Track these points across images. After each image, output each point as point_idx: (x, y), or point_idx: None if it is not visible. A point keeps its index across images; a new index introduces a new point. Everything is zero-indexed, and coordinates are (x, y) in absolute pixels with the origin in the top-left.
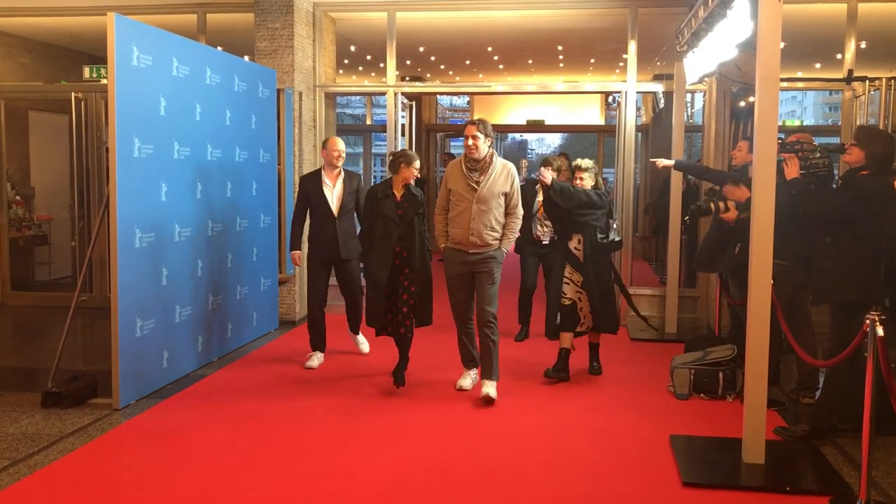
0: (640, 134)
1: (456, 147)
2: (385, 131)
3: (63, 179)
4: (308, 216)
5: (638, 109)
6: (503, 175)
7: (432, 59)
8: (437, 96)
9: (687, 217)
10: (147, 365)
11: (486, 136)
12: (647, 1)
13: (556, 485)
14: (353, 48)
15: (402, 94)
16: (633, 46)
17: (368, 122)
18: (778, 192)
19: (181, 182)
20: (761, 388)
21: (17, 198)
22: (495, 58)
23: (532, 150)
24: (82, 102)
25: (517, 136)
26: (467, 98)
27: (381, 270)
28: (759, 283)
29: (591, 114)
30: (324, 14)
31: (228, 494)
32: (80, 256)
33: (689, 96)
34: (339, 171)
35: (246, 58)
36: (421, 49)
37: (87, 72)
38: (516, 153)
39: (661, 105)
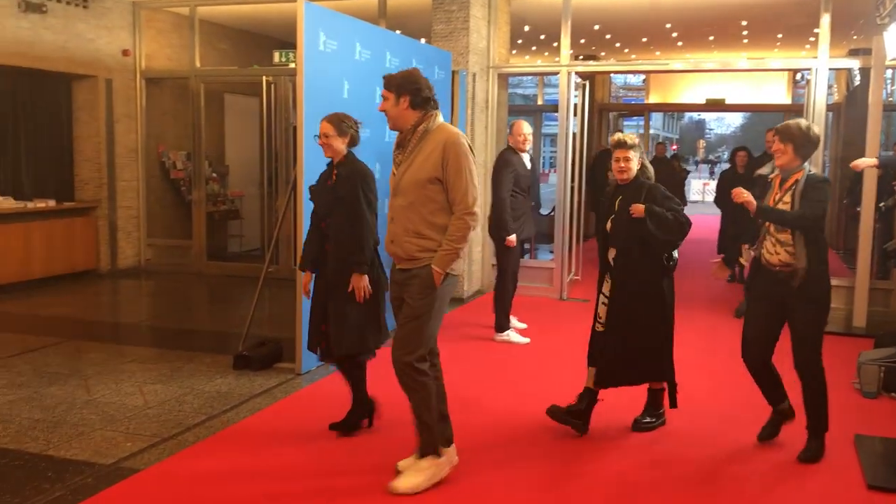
0: (830, 114)
1: (629, 127)
2: (556, 111)
3: (254, 158)
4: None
5: (829, 87)
6: (436, 152)
7: (607, 36)
8: (612, 75)
9: (882, 204)
10: None
11: (397, 89)
12: None
13: (735, 481)
14: (526, 28)
15: (576, 73)
16: (826, 19)
17: (539, 102)
18: None
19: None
20: None
21: (213, 174)
22: (674, 34)
23: (710, 130)
24: (272, 86)
25: (695, 115)
26: (643, 76)
27: None
28: None
29: (776, 92)
30: None
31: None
32: (269, 231)
33: (888, 73)
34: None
35: (422, 40)
36: (596, 27)
37: (276, 56)
38: (693, 133)
39: (857, 82)
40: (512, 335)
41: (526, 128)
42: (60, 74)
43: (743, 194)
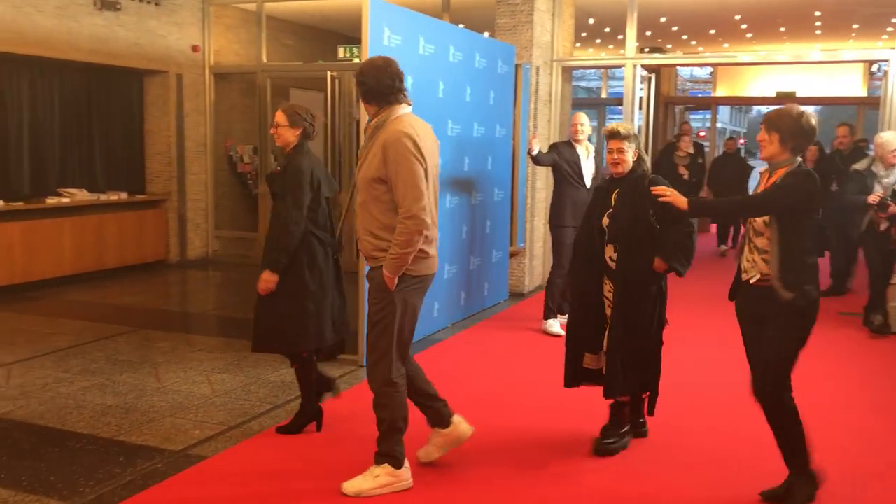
0: None
1: (695, 121)
2: (621, 104)
3: (318, 152)
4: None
5: None
6: (380, 151)
7: (674, 29)
8: (678, 68)
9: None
10: None
11: (365, 83)
12: None
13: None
14: (591, 21)
15: (641, 66)
16: None
17: (603, 94)
18: None
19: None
20: None
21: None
22: (743, 26)
23: None
24: (336, 80)
25: (762, 108)
26: (709, 69)
27: None
28: None
29: (850, 84)
30: None
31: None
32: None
33: None
34: (584, 144)
35: (486, 34)
36: (662, 19)
37: (341, 52)
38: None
39: None
40: (549, 325)
41: (579, 118)
42: (133, 70)
43: (666, 192)
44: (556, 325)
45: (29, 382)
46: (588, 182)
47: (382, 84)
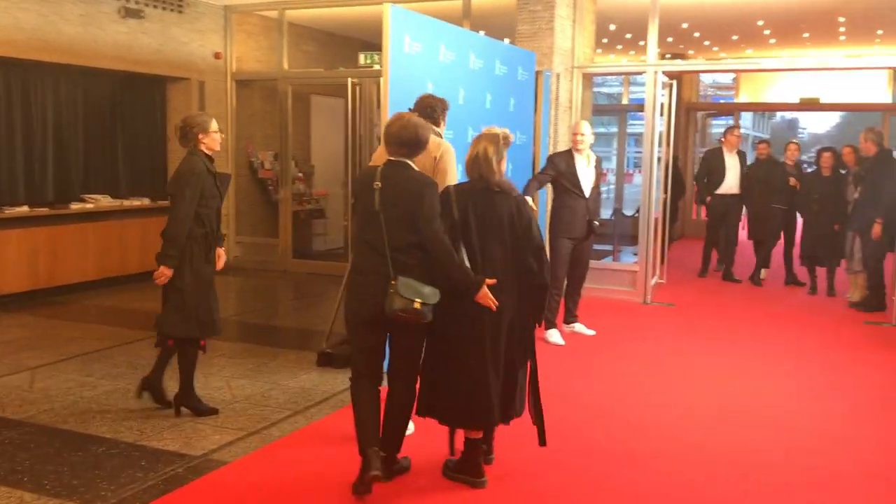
0: None
1: (717, 126)
2: (642, 111)
3: (339, 158)
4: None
5: None
6: None
7: (696, 34)
8: (700, 74)
9: None
10: None
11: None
12: None
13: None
14: (612, 27)
15: (663, 72)
16: None
17: (624, 101)
18: None
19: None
20: None
21: (300, 174)
22: (766, 32)
23: (803, 129)
24: (357, 87)
25: (786, 114)
26: (732, 75)
27: None
28: None
29: (875, 90)
30: None
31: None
32: (352, 230)
33: None
34: (584, 153)
35: (506, 41)
36: (684, 25)
37: (361, 58)
38: (785, 133)
39: None
40: (550, 335)
41: (580, 127)
42: (156, 77)
43: None
44: (557, 335)
45: (52, 386)
46: (587, 191)
47: None
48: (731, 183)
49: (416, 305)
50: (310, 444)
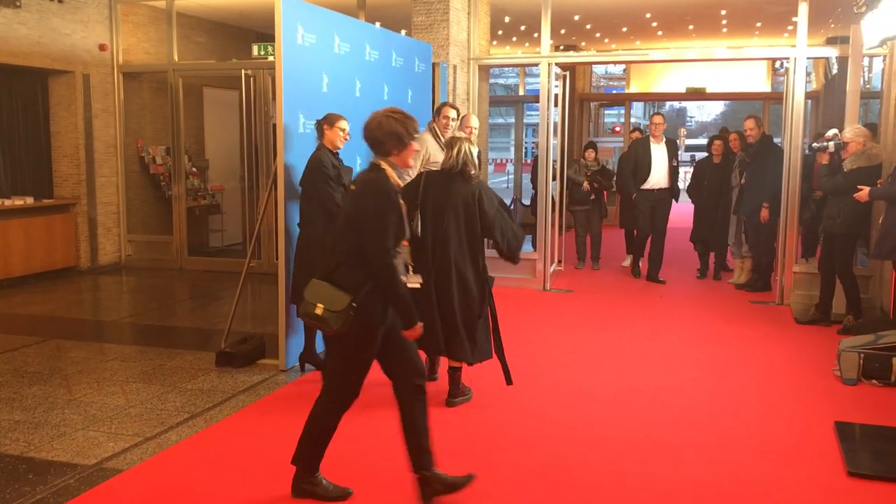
0: (809, 102)
1: (609, 116)
2: (538, 101)
3: (234, 152)
4: None
5: (808, 75)
6: None
7: (587, 27)
8: (592, 65)
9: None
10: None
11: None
12: None
13: (714, 469)
14: (507, 19)
15: (557, 64)
16: (804, 8)
17: (521, 92)
18: None
19: (344, 157)
20: None
21: (194, 169)
22: (653, 24)
23: (691, 117)
24: (251, 79)
25: (675, 103)
26: (623, 66)
27: None
28: None
29: (755, 80)
30: None
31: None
32: (250, 225)
33: (865, 61)
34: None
35: (402, 32)
36: (576, 17)
37: (255, 49)
38: (674, 121)
39: (835, 71)
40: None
41: (469, 120)
42: (36, 70)
43: None
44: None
45: None
46: None
47: None
48: (658, 176)
49: (318, 311)
50: (209, 447)
